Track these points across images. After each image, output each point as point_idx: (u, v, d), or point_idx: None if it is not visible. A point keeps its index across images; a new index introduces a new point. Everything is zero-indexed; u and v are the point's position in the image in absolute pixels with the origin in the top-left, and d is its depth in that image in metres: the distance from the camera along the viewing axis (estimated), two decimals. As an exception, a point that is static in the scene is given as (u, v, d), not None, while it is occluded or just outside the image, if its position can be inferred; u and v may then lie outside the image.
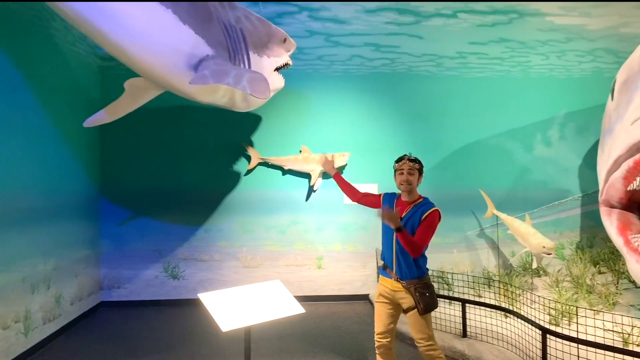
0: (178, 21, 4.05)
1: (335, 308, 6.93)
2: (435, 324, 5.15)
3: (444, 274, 7.04)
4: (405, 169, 3.64)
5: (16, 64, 4.78)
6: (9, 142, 4.64)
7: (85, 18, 3.69)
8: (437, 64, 7.55)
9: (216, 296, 3.43)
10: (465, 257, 7.50)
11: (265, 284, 3.80)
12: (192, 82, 4.14)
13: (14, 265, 4.68)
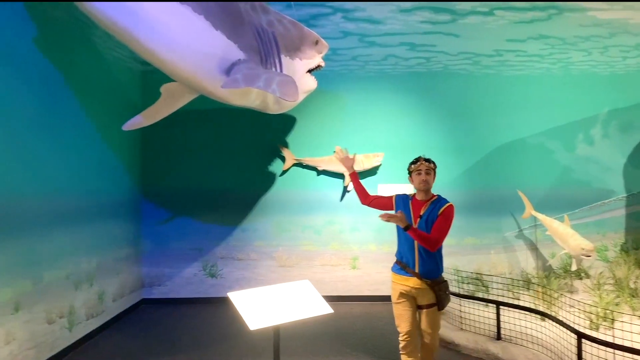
0: (210, 27, 4.14)
1: (370, 309, 6.94)
2: (470, 326, 5.10)
3: (481, 276, 6.95)
4: (423, 170, 3.78)
5: (60, 71, 4.99)
6: (54, 145, 4.85)
7: (120, 25, 3.83)
8: (474, 62, 7.43)
9: (245, 295, 3.50)
10: (503, 259, 7.37)
11: (294, 283, 3.83)
12: (224, 86, 4.24)
13: (59, 263, 4.90)
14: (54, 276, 4.77)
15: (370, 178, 7.50)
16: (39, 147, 4.56)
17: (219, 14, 4.21)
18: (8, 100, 4.09)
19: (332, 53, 7.34)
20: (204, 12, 4.06)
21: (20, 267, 4.22)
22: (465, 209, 7.37)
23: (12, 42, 4.18)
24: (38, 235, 4.50)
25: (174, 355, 5.01)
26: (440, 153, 7.46)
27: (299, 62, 5.29)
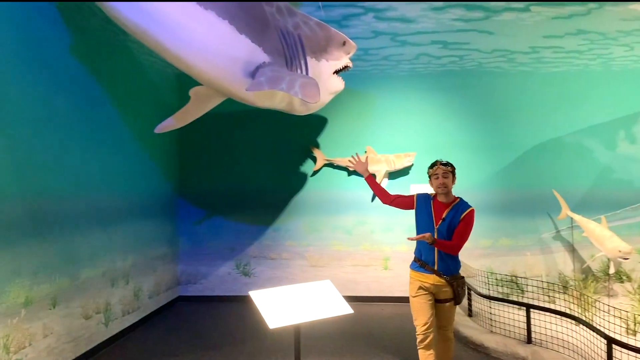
0: (235, 31, 4.21)
1: (401, 309, 6.90)
2: (500, 329, 5.00)
3: (515, 278, 6.81)
4: (440, 173, 3.86)
5: (96, 77, 5.19)
6: (90, 148, 5.05)
7: (146, 31, 3.96)
8: (509, 60, 7.27)
9: (266, 294, 3.54)
10: (539, 261, 7.18)
11: (315, 283, 3.86)
12: (249, 89, 4.31)
13: (95, 261, 5.10)
14: (90, 274, 4.97)
15: (403, 178, 7.45)
16: (75, 150, 4.76)
17: (244, 18, 4.28)
18: (45, 106, 4.28)
19: (363, 53, 7.34)
20: (228, 16, 4.13)
21: (58, 265, 4.42)
22: (500, 210, 7.24)
23: (49, 50, 4.37)
24: (75, 234, 4.70)
25: (206, 351, 5.12)
26: (474, 152, 7.35)
27: (325, 63, 5.31)
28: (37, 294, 4.07)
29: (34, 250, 4.05)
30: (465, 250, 7.04)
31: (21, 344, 3.84)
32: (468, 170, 7.32)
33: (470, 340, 5.07)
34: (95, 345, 5.01)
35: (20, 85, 3.95)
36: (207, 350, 5.17)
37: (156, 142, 6.87)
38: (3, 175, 3.73)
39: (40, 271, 4.12)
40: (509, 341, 4.71)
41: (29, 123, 4.06)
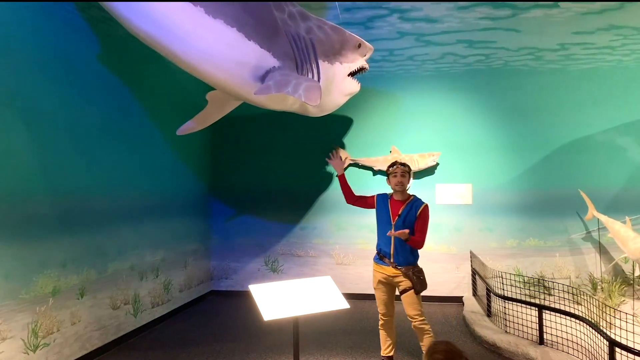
0: (243, 38, 4.38)
1: (425, 309, 6.83)
2: (515, 329, 4.96)
3: (543, 279, 6.71)
4: (399, 172, 4.22)
5: (124, 82, 5.55)
6: (120, 150, 5.42)
7: (156, 39, 4.21)
8: (537, 58, 7.14)
9: (266, 288, 3.71)
10: (568, 262, 7.02)
11: (315, 279, 3.99)
12: (257, 92, 4.51)
13: (124, 255, 5.45)
14: (118, 267, 5.32)
15: (428, 178, 7.47)
16: (105, 152, 5.12)
17: (253, 24, 4.46)
18: (74, 112, 4.63)
19: (388, 54, 7.42)
20: (237, 23, 4.32)
21: (86, 258, 4.77)
22: (527, 210, 7.13)
23: (79, 60, 4.73)
24: (104, 231, 5.06)
25: (229, 342, 5.36)
26: (500, 152, 7.28)
27: (339, 65, 5.41)
28: (64, 284, 4.43)
29: (62, 244, 4.42)
30: (490, 249, 7.04)
31: (49, 329, 4.21)
32: (494, 170, 7.26)
33: (484, 340, 5.07)
34: (123, 334, 5.35)
35: (51, 93, 4.32)
36: (231, 342, 5.42)
37: (189, 144, 7.25)
38: (33, 175, 4.10)
39: (68, 264, 4.48)
40: (522, 342, 4.68)
41: (59, 128, 4.43)
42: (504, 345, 4.70)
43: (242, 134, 8.11)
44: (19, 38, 3.98)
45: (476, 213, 7.30)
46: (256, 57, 4.50)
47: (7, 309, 3.77)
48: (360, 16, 7.42)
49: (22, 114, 3.99)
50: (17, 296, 3.88)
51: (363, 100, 7.70)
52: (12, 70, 3.89)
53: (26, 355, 3.94)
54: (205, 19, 4.12)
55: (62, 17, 4.50)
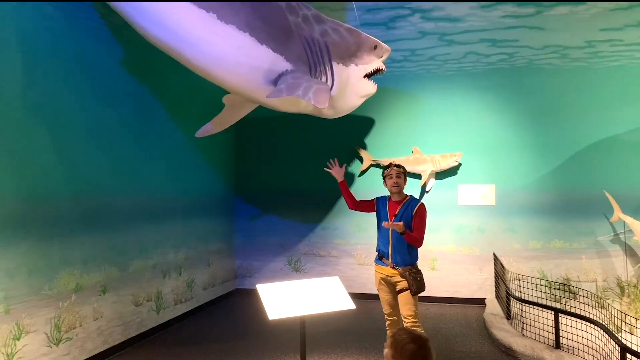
0: (255, 42, 4.47)
1: (446, 310, 6.89)
2: (532, 333, 4.89)
3: (569, 282, 6.58)
4: (394, 174, 4.33)
5: (150, 88, 5.74)
6: (142, 152, 5.61)
7: (170, 46, 4.37)
8: (562, 56, 6.99)
9: (272, 287, 3.76)
10: (595, 265, 6.83)
11: (323, 279, 4.02)
12: (269, 96, 4.59)
13: (146, 254, 5.63)
14: (140, 265, 5.51)
15: (451, 178, 7.41)
16: (127, 154, 5.32)
17: (265, 29, 4.53)
18: (97, 116, 4.84)
19: (410, 54, 7.40)
20: (248, 28, 4.40)
21: (108, 256, 4.96)
22: (551, 211, 6.99)
23: (101, 66, 4.94)
24: (125, 230, 5.25)
25: (248, 340, 5.48)
26: (524, 152, 7.16)
27: (354, 67, 5.42)
28: (87, 281, 4.63)
29: (84, 242, 4.62)
30: (514, 251, 6.92)
31: (72, 324, 4.40)
32: (518, 171, 7.15)
33: (500, 343, 5.02)
34: (145, 330, 5.53)
35: (74, 98, 4.53)
36: (248, 339, 5.53)
37: (214, 145, 7.45)
38: (55, 177, 4.30)
39: (90, 261, 4.67)
40: (538, 345, 4.61)
41: (82, 131, 4.64)
42: (520, 349, 4.64)
43: (266, 135, 8.24)
44: (43, 46, 4.19)
45: (499, 214, 7.20)
46: (268, 61, 4.58)
47: (30, 304, 3.97)
48: (381, 16, 7.42)
49: (46, 118, 4.20)
50: (40, 292, 4.08)
51: (385, 100, 7.70)
52: (36, 76, 4.11)
53: (49, 348, 4.13)
54: (217, 24, 4.22)
55: (85, 25, 4.71)
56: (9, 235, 3.78)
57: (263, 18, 4.52)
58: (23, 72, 3.97)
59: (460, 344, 5.35)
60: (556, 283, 6.33)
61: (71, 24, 4.51)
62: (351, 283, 7.71)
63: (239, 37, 4.35)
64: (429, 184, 7.41)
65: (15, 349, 3.78)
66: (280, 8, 4.73)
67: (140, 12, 4.15)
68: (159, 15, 4.11)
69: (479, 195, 7.28)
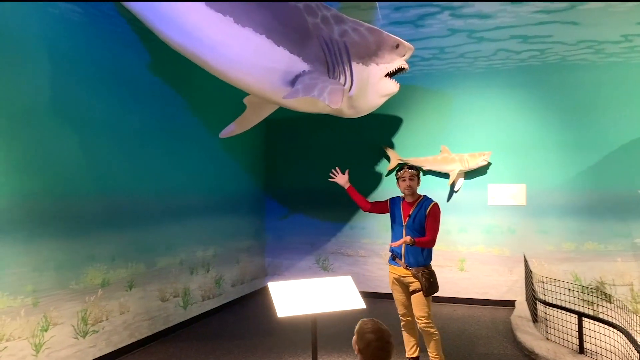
0: (272, 44, 4.53)
1: (474, 312, 6.77)
2: (556, 337, 4.75)
3: (603, 286, 6.37)
4: (407, 177, 4.41)
5: (177, 90, 5.93)
6: (167, 153, 5.79)
7: (189, 50, 4.52)
8: (597, 51, 6.74)
9: (284, 286, 3.80)
10: (632, 267, 6.55)
11: (335, 278, 4.02)
12: (285, 97, 4.65)
13: (172, 251, 5.81)
14: (167, 262, 5.69)
15: (480, 178, 7.28)
16: (154, 155, 5.52)
17: (282, 30, 4.58)
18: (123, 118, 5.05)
19: (439, 52, 7.32)
20: (265, 31, 4.47)
21: (134, 253, 5.16)
22: (585, 212, 6.76)
23: (130, 71, 5.17)
24: (152, 228, 5.45)
25: (272, 337, 5.57)
26: (557, 151, 6.96)
27: (375, 67, 5.39)
28: (113, 277, 4.83)
29: (110, 240, 4.81)
30: (546, 252, 6.71)
31: (98, 318, 4.60)
32: (549, 170, 6.96)
33: (523, 346, 4.92)
34: (172, 325, 5.71)
35: (100, 102, 4.75)
36: (271, 336, 5.63)
37: (244, 147, 7.68)
38: (82, 177, 4.53)
39: (116, 258, 4.87)
40: (561, 350, 4.48)
41: (109, 133, 4.86)
42: (542, 353, 4.52)
43: (295, 135, 8.34)
44: (70, 53, 4.43)
45: (530, 214, 7.02)
46: (285, 62, 4.64)
47: (57, 298, 4.18)
48: (410, 15, 7.35)
49: (72, 122, 4.43)
50: (67, 286, 4.30)
51: (413, 99, 7.65)
52: (63, 82, 4.34)
53: (76, 340, 4.34)
54: (233, 28, 4.31)
55: (111, 31, 4.92)
56: (36, 233, 4.00)
57: (280, 20, 4.58)
58: (51, 79, 4.20)
59: (483, 346, 5.26)
60: (588, 287, 6.13)
61: (97, 30, 4.73)
62: (378, 283, 7.70)
63: (256, 40, 4.42)
64: (458, 183, 7.31)
65: (43, 340, 4.00)
66: (298, 10, 4.78)
67: (158, 16, 4.30)
68: (177, 20, 4.24)
69: (509, 195, 7.12)
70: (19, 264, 3.84)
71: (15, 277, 3.81)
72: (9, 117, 3.83)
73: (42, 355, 3.99)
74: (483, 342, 5.41)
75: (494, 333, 5.74)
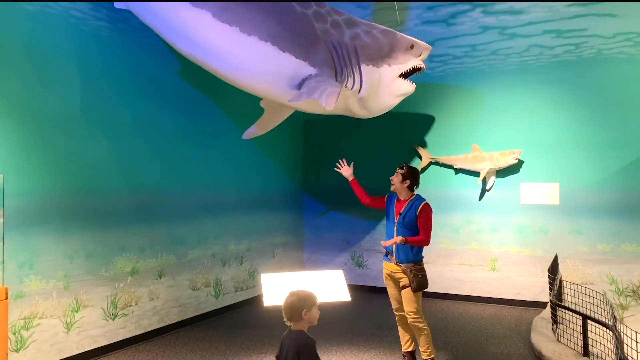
0: (278, 50, 4.77)
1: (503, 312, 6.70)
2: (566, 339, 4.64)
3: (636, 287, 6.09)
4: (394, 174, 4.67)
5: (208, 95, 6.43)
6: (200, 152, 6.30)
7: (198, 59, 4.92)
8: (636, 43, 6.40)
9: (275, 277, 4.10)
10: (674, 272, 6.20)
11: (326, 272, 4.27)
12: (290, 100, 4.92)
13: (204, 244, 6.30)
14: (198, 254, 6.18)
15: (512, 176, 7.16)
16: (186, 154, 6.07)
17: (288, 37, 4.82)
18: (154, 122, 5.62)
19: (470, 50, 7.29)
20: (270, 38, 4.73)
21: (165, 245, 5.67)
22: (622, 212, 6.47)
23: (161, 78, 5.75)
24: (183, 222, 5.97)
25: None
26: (592, 149, 6.72)
27: (387, 68, 5.47)
28: (143, 266, 5.37)
29: (140, 232, 5.36)
30: (580, 254, 6.48)
31: (128, 302, 5.15)
32: (584, 169, 6.71)
33: (534, 347, 4.87)
34: (202, 313, 6.18)
35: (132, 108, 5.33)
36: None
37: (283, 147, 8.14)
38: (112, 175, 5.11)
39: (146, 249, 5.42)
40: (567, 352, 4.39)
41: (140, 135, 5.43)
42: (548, 354, 4.48)
43: (330, 134, 8.63)
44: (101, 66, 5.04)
45: (564, 214, 6.81)
46: (292, 67, 4.90)
47: (88, 283, 4.76)
48: (442, 14, 7.38)
49: (104, 127, 5.03)
50: (98, 273, 4.87)
51: (445, 97, 7.67)
52: (96, 92, 4.95)
53: (105, 321, 4.91)
54: (239, 36, 4.62)
55: (140, 43, 5.48)
56: (68, 225, 4.60)
57: (286, 27, 4.85)
58: (84, 90, 4.83)
59: (496, 345, 5.26)
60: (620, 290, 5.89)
61: (126, 42, 5.31)
62: (410, 280, 7.80)
63: (261, 47, 4.73)
64: (490, 182, 7.23)
65: (73, 319, 4.59)
66: (306, 16, 5.03)
67: (168, 28, 4.75)
68: (185, 31, 4.65)
69: (543, 195, 6.95)
70: (51, 252, 4.45)
71: (48, 263, 4.41)
72: (45, 123, 4.46)
73: (72, 333, 4.59)
74: (497, 342, 5.40)
75: (513, 333, 5.69)
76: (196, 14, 4.59)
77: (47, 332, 4.40)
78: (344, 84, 5.23)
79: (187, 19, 4.61)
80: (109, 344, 4.95)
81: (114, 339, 5.00)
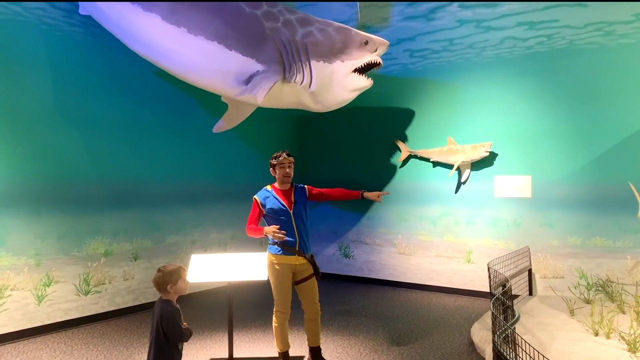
0: (224, 49, 5.10)
1: (475, 303, 6.73)
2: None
3: (610, 284, 6.00)
4: (287, 164, 4.32)
5: (186, 92, 6.80)
6: (191, 145, 6.85)
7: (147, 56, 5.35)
8: (606, 33, 6.26)
9: (205, 258, 4.59)
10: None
11: (252, 254, 4.69)
12: (236, 95, 5.23)
13: (183, 232, 6.79)
14: (176, 240, 6.66)
15: (487, 169, 7.16)
16: (162, 147, 6.56)
17: (235, 36, 5.14)
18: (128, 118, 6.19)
19: (448, 44, 7.37)
20: (217, 37, 5.07)
21: (139, 230, 6.17)
22: (593, 205, 6.35)
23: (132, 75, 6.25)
24: (160, 210, 6.49)
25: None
26: (564, 141, 6.64)
27: (339, 64, 5.62)
28: (117, 249, 5.91)
29: (113, 218, 5.90)
30: (551, 247, 6.46)
31: (101, 281, 5.69)
32: (556, 162, 6.63)
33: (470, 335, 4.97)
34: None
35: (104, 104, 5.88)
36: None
37: (273, 141, 8.45)
38: (85, 166, 5.69)
39: (120, 233, 5.93)
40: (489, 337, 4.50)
41: (113, 129, 5.96)
42: (476, 341, 4.64)
43: (320, 129, 8.93)
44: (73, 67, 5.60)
45: (536, 207, 6.75)
46: (238, 64, 5.22)
47: (60, 262, 5.33)
48: (422, 9, 7.51)
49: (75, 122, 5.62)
50: (70, 253, 5.43)
51: (424, 92, 7.77)
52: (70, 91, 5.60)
53: (78, 296, 5.46)
54: (186, 37, 5.01)
55: (115, 46, 5.90)
56: (40, 210, 5.21)
57: (233, 27, 5.18)
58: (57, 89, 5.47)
59: (439, 334, 5.35)
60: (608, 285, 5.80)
61: (100, 45, 5.85)
62: (391, 272, 7.99)
63: (207, 46, 5.09)
64: (465, 174, 7.27)
65: (45, 293, 5.16)
66: (255, 16, 5.35)
67: (119, 29, 5.23)
68: (135, 32, 5.11)
69: (515, 187, 6.91)
70: (21, 232, 5.05)
71: (18, 242, 5.01)
72: (17, 119, 5.06)
73: (44, 305, 5.16)
74: (443, 330, 5.47)
75: (466, 323, 5.70)
76: (146, 18, 5.03)
77: (19, 303, 4.99)
78: (292, 80, 5.52)
79: (138, 22, 5.06)
80: (80, 317, 5.48)
81: (86, 313, 5.55)
